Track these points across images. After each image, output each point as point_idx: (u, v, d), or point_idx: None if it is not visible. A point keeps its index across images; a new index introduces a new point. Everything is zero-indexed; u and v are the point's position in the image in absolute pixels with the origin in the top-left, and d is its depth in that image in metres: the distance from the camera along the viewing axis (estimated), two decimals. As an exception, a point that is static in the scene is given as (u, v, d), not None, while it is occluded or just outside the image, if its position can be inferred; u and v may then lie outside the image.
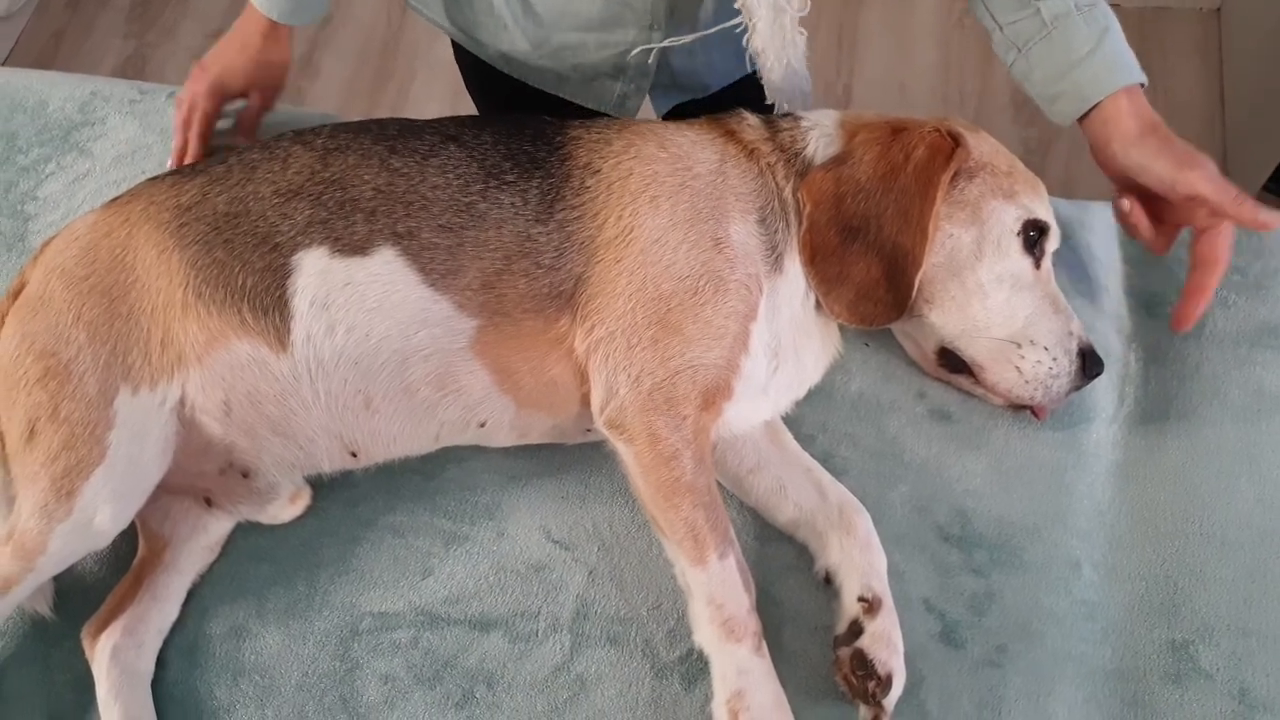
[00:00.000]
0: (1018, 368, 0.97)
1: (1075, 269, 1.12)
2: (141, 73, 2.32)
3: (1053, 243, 1.01)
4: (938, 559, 0.97)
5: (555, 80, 1.07)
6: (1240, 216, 0.95)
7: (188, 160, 1.14)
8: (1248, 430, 1.03)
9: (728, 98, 1.17)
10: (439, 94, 2.16)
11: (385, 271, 0.91)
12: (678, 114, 1.28)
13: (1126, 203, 1.02)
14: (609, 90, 1.14)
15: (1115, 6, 1.02)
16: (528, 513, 1.00)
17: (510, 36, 0.98)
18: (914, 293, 0.96)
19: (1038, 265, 0.99)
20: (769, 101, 1.10)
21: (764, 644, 0.88)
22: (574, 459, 1.02)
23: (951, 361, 1.02)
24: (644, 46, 1.13)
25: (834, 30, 2.30)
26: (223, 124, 1.22)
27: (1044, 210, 1.00)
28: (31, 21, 2.36)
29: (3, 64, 2.27)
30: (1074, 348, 0.97)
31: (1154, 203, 1.01)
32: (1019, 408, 1.03)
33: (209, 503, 0.99)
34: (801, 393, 1.02)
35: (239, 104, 1.22)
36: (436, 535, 1.00)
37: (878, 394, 1.06)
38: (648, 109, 1.32)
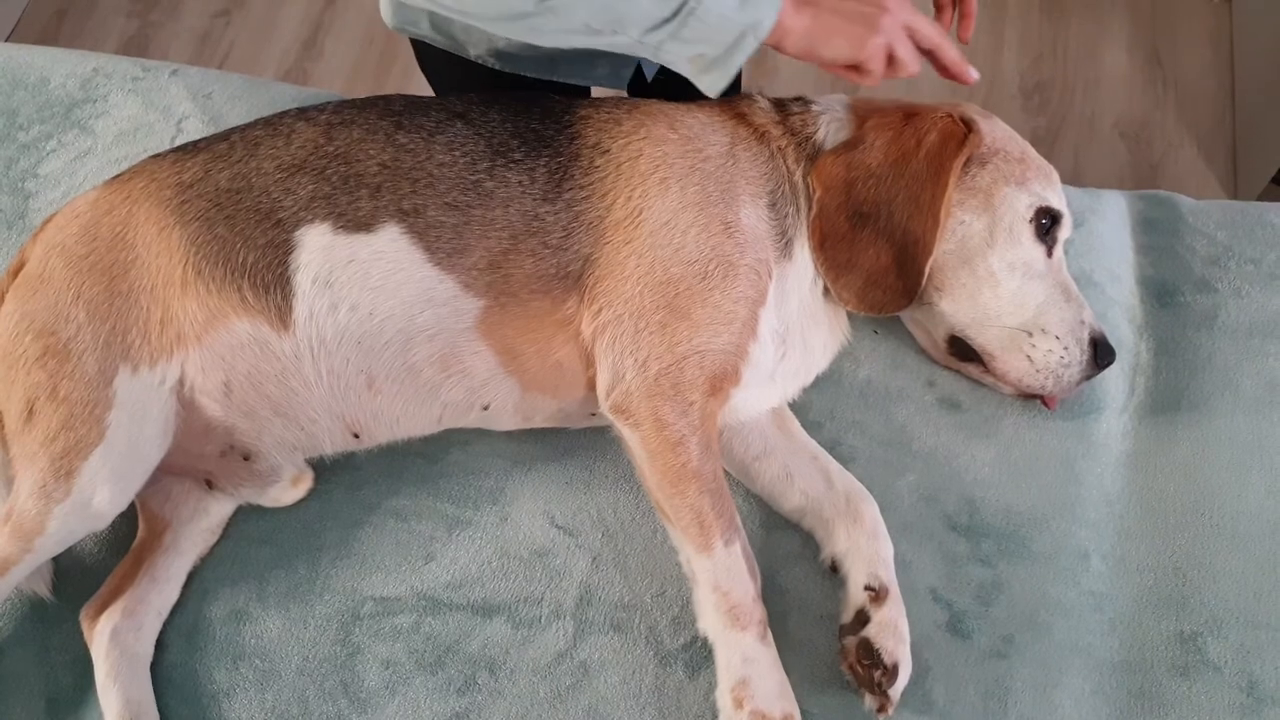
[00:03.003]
0: (1029, 356, 0.96)
1: (1086, 257, 1.11)
2: (144, 52, 2.30)
3: (1065, 231, 1.00)
4: (945, 548, 0.96)
5: (549, 65, 1.06)
6: None
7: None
8: (1259, 422, 1.02)
9: None
10: (443, 77, 2.15)
11: (390, 249, 0.90)
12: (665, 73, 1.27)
13: None
14: (600, 65, 1.13)
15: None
16: (531, 498, 0.99)
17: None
18: (924, 280, 0.95)
19: (1050, 253, 0.98)
20: None
21: (769, 632, 0.87)
22: (579, 443, 1.01)
23: (961, 350, 1.01)
24: None
25: None
26: (235, 116, 1.21)
27: (1057, 198, 0.99)
28: None
29: (4, 41, 2.26)
30: (1085, 337, 0.96)
31: None
32: (1029, 397, 1.02)
33: (210, 485, 0.98)
34: (809, 379, 1.01)
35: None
36: (439, 519, 0.99)
37: (886, 382, 1.05)
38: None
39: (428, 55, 1.11)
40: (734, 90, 1.03)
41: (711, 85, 0.89)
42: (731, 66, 0.87)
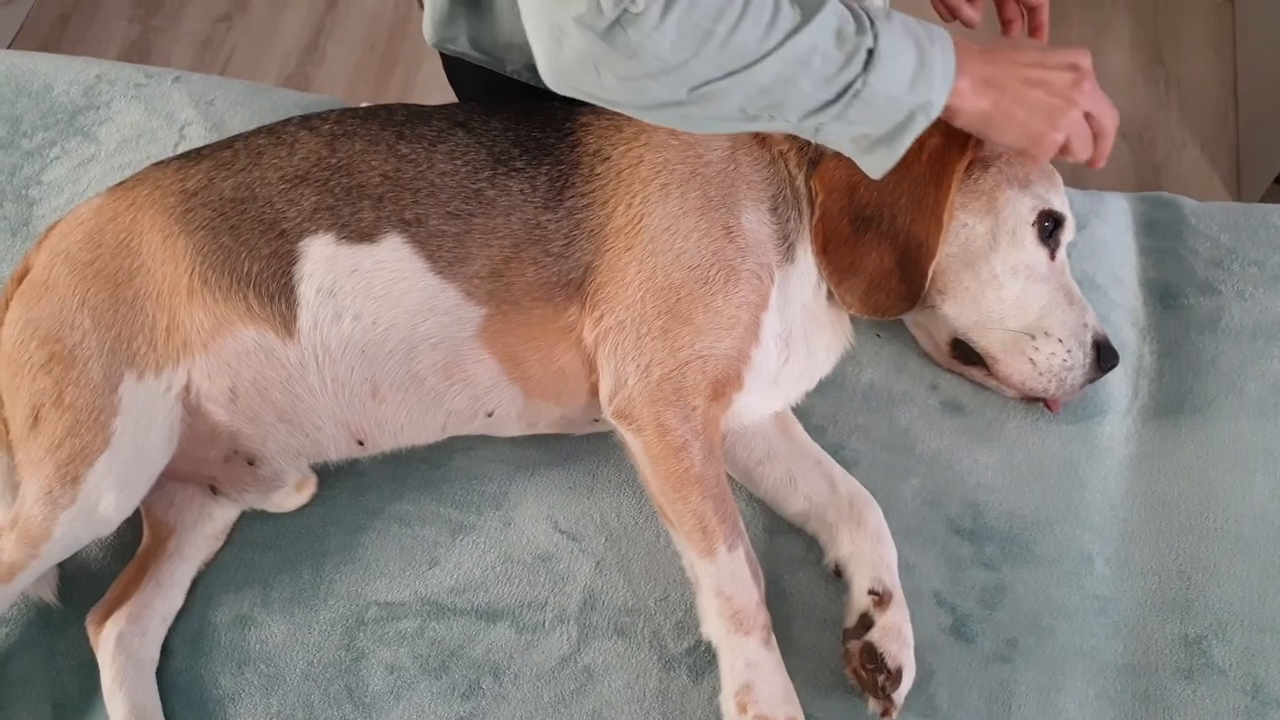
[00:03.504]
0: (1032, 360, 0.96)
1: (1089, 260, 1.10)
2: (146, 57, 2.31)
3: (1068, 234, 1.00)
4: (949, 552, 0.96)
5: None
6: None
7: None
8: (1264, 424, 1.01)
9: None
10: (445, 81, 2.15)
11: (393, 259, 0.90)
12: None
13: None
14: None
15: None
16: (535, 503, 0.99)
17: None
18: (927, 283, 0.95)
19: (1053, 256, 0.98)
20: None
21: (773, 636, 0.87)
22: (582, 449, 1.02)
23: (965, 353, 1.01)
24: None
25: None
26: (238, 123, 1.21)
27: (1059, 201, 0.98)
28: (36, 5, 2.35)
29: (7, 48, 2.26)
30: (1089, 340, 0.96)
31: None
32: (1032, 400, 1.02)
33: (214, 490, 0.98)
34: (812, 384, 1.01)
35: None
36: (443, 525, 0.99)
37: (889, 385, 1.05)
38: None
39: (457, 67, 1.10)
40: None
41: (874, 165, 0.84)
42: (899, 147, 0.81)
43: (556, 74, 0.75)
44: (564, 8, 0.71)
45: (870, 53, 0.76)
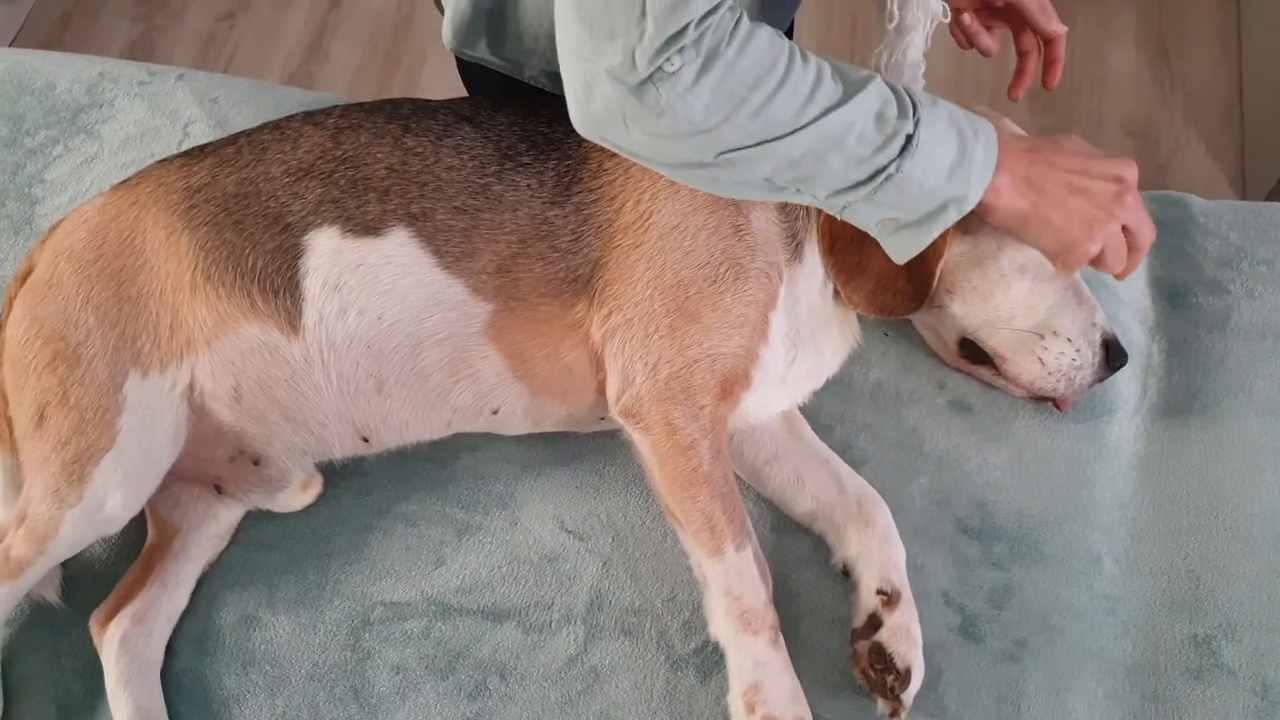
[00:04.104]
0: (1040, 359, 0.96)
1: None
2: (149, 56, 2.30)
3: (1077, 232, 0.99)
4: (957, 552, 0.96)
5: None
6: (1039, 23, 1.01)
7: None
8: (1273, 424, 1.01)
9: None
10: (449, 79, 2.13)
11: (399, 253, 0.90)
12: None
13: (968, 16, 1.05)
14: None
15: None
16: (541, 502, 0.99)
17: None
18: (935, 283, 0.94)
19: (1061, 255, 0.97)
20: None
21: (781, 636, 0.87)
22: (588, 448, 1.01)
23: (973, 352, 1.00)
24: None
25: (847, 19, 2.27)
26: (242, 120, 1.20)
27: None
28: (37, 4, 2.35)
29: (9, 46, 2.26)
30: (1097, 339, 0.96)
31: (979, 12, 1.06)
32: (1041, 399, 1.01)
33: (219, 490, 0.98)
34: (819, 383, 1.01)
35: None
36: (449, 524, 0.99)
37: (897, 385, 1.04)
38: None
39: (473, 71, 1.10)
40: None
41: (899, 250, 0.82)
42: (926, 235, 0.80)
43: (585, 122, 0.75)
44: (598, 58, 0.69)
45: (909, 139, 0.75)
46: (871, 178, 0.76)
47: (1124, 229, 0.84)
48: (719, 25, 0.69)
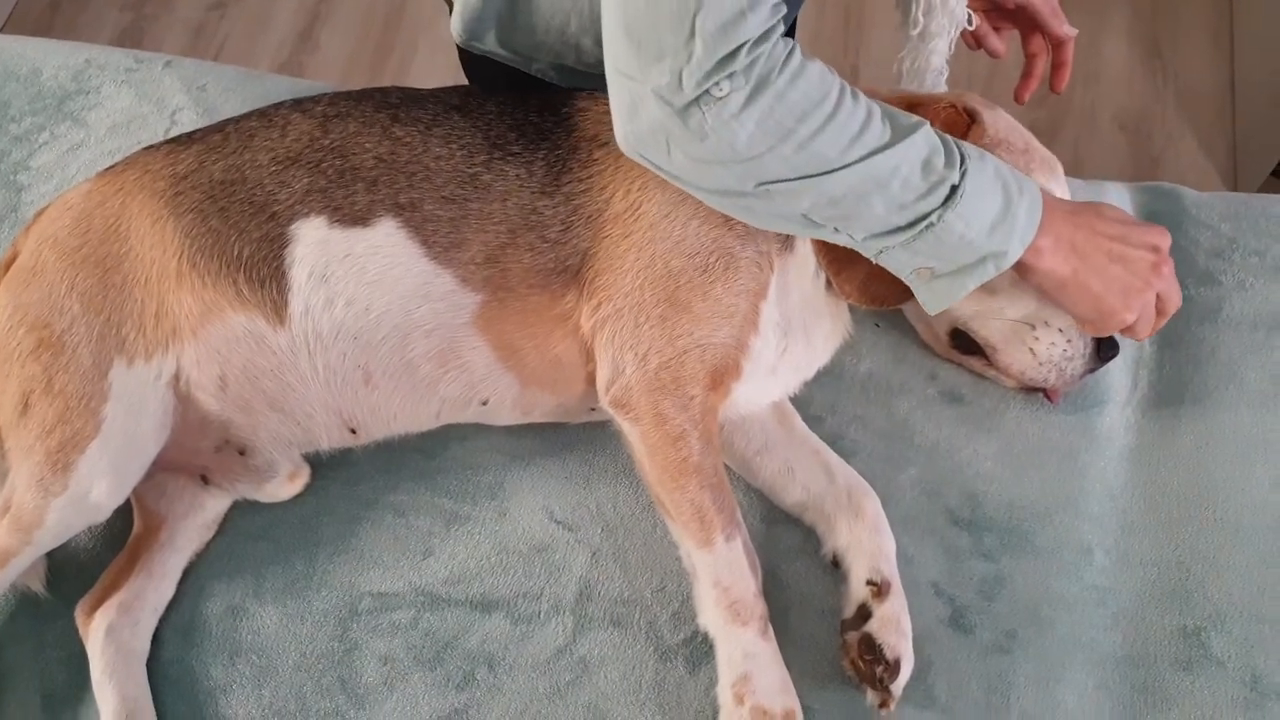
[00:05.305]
0: (1031, 349, 0.96)
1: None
2: (139, 45, 2.28)
3: (1069, 222, 0.99)
4: (947, 543, 0.96)
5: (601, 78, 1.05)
6: (1050, 26, 1.04)
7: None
8: (1264, 415, 1.01)
9: None
10: (441, 68, 2.13)
11: (386, 243, 0.89)
12: None
13: (977, 18, 1.07)
14: None
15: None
16: (530, 493, 0.99)
17: (575, 52, 0.97)
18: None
19: (1053, 245, 0.97)
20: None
21: (770, 627, 0.87)
22: (578, 438, 1.01)
23: (964, 343, 1.00)
24: None
25: (841, 9, 2.27)
26: (230, 109, 1.19)
27: (1060, 189, 0.97)
28: (25, -8, 2.33)
29: (-4, 35, 2.24)
30: (1088, 330, 0.96)
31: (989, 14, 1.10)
32: (1032, 390, 1.01)
33: (206, 480, 0.97)
34: (810, 373, 1.00)
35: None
36: (438, 515, 0.98)
37: (888, 375, 1.04)
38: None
39: (477, 64, 1.09)
40: None
41: (932, 300, 0.82)
42: (960, 289, 0.79)
43: (627, 140, 0.75)
44: (645, 77, 0.69)
45: (954, 189, 0.74)
46: (912, 224, 0.76)
47: (1156, 297, 0.86)
48: (771, 54, 0.69)
